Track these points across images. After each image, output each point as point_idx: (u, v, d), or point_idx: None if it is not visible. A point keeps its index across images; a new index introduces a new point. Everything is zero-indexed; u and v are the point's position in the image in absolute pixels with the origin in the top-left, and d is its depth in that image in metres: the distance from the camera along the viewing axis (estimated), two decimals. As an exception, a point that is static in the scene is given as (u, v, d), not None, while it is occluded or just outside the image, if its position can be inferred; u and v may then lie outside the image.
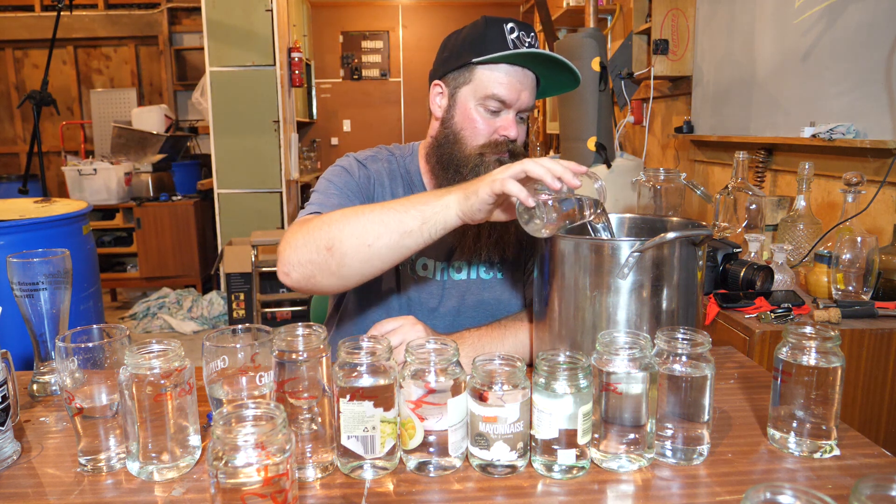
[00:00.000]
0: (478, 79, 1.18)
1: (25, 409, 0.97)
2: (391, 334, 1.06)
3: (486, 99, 1.17)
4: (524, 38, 1.17)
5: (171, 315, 4.33)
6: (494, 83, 1.16)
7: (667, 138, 3.46)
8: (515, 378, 0.76)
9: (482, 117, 1.18)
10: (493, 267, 1.29)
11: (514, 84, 1.16)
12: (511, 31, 1.16)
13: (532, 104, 1.20)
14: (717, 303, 1.56)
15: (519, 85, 1.17)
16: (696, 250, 0.94)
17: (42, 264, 0.99)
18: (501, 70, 1.16)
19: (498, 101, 1.17)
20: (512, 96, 1.16)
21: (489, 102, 1.17)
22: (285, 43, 4.61)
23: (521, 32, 1.17)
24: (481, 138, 1.18)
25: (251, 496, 0.60)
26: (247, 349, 0.82)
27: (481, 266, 1.28)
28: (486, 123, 1.18)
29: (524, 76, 1.17)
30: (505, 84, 1.16)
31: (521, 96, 1.17)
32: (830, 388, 0.79)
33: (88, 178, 4.66)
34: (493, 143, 1.18)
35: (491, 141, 1.18)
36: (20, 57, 6.11)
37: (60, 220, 2.47)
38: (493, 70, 1.17)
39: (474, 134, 1.19)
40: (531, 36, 1.19)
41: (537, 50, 1.15)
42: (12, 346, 0.98)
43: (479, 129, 1.18)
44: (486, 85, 1.17)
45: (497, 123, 1.18)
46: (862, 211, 1.64)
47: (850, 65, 1.95)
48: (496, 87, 1.16)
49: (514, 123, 1.18)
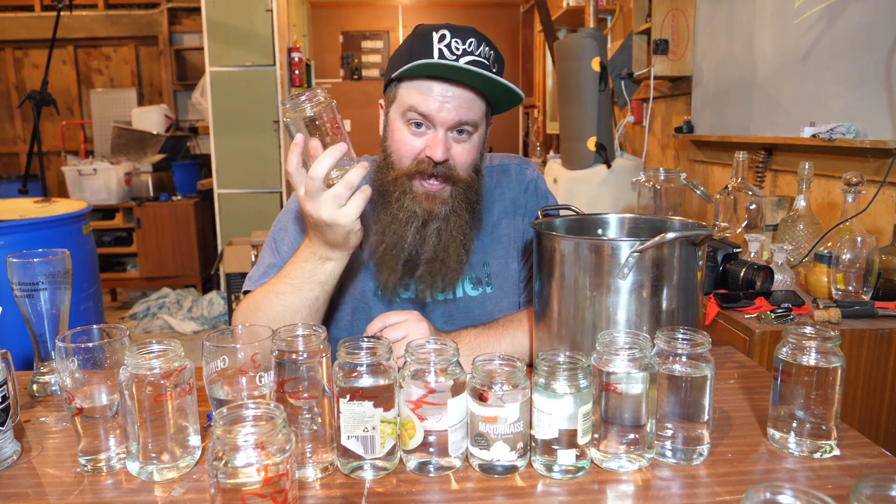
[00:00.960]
0: (401, 95, 1.09)
1: (25, 409, 0.97)
2: (395, 328, 1.05)
3: (407, 113, 1.08)
4: (457, 45, 1.05)
5: (171, 315, 4.33)
6: (413, 95, 1.07)
7: (667, 138, 3.46)
8: (515, 378, 0.76)
9: (407, 136, 1.09)
10: (480, 283, 1.24)
11: (434, 97, 1.05)
12: (441, 40, 1.06)
13: (466, 118, 1.07)
14: (717, 303, 1.56)
15: (440, 98, 1.05)
16: (696, 250, 0.94)
17: (42, 264, 0.99)
18: (422, 82, 1.06)
19: (418, 115, 1.07)
20: (431, 109, 1.05)
21: (410, 116, 1.08)
22: (285, 43, 4.61)
23: (454, 40, 1.06)
24: (406, 160, 1.10)
25: (251, 496, 0.60)
26: (247, 349, 0.82)
27: (466, 283, 1.23)
28: (410, 143, 1.09)
29: (449, 89, 1.05)
30: (425, 96, 1.06)
31: (445, 108, 1.05)
32: (830, 388, 0.79)
33: (88, 178, 4.66)
34: (418, 163, 1.09)
35: (417, 161, 1.09)
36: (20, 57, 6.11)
37: (60, 220, 2.47)
38: (413, 82, 1.07)
39: (399, 155, 1.11)
40: (468, 43, 1.06)
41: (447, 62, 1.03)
42: (12, 346, 0.98)
43: (404, 149, 1.10)
44: (405, 100, 1.08)
45: (423, 143, 1.09)
46: (862, 211, 1.64)
47: (850, 65, 1.95)
48: (414, 98, 1.06)
49: (440, 142, 1.06)
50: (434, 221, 1.11)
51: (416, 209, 1.10)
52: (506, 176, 1.29)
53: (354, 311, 1.24)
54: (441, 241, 1.12)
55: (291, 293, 1.06)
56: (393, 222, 1.12)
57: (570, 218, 1.15)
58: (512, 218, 1.26)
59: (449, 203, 1.12)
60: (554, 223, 1.11)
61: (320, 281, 1.06)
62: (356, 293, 1.23)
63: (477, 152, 1.14)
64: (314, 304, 1.08)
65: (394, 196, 1.12)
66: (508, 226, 1.26)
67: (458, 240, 1.13)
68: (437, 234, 1.12)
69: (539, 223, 1.08)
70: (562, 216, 1.16)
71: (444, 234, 1.12)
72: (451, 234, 1.12)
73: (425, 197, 1.11)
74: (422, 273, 1.15)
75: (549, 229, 1.06)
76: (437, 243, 1.12)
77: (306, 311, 1.07)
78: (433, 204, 1.11)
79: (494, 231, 1.25)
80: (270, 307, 1.07)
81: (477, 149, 1.14)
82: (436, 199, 1.11)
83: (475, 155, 1.13)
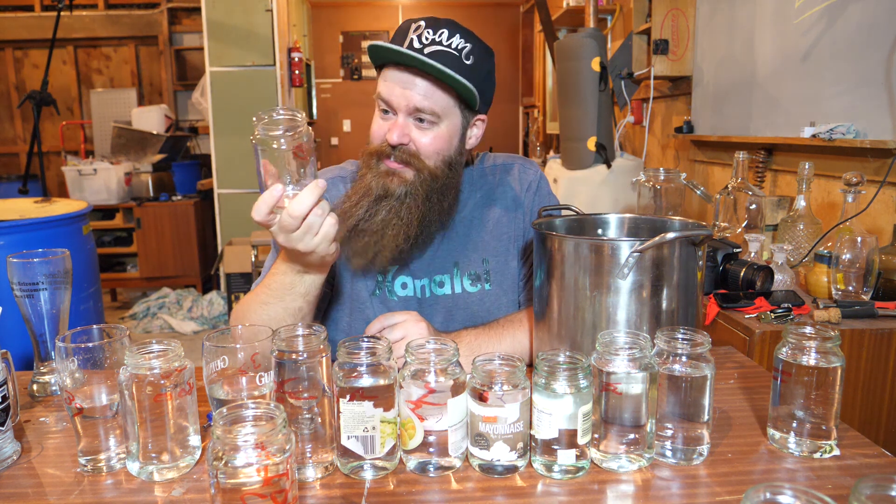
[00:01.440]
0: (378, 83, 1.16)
1: (25, 409, 0.97)
2: (394, 328, 1.05)
3: (377, 100, 1.14)
4: (427, 35, 1.10)
5: (171, 315, 4.33)
6: (381, 82, 1.13)
7: (667, 138, 3.46)
8: (515, 378, 0.76)
9: (377, 120, 1.16)
10: (479, 279, 1.25)
11: (394, 83, 1.11)
12: (416, 30, 1.11)
13: (424, 105, 1.10)
14: (717, 303, 1.56)
15: (400, 84, 1.10)
16: (696, 250, 0.94)
17: (42, 264, 0.99)
18: (387, 70, 1.12)
19: (383, 101, 1.13)
20: (391, 95, 1.11)
21: (379, 102, 1.14)
22: (285, 43, 4.61)
23: (426, 30, 1.10)
24: (375, 141, 1.16)
25: (251, 496, 0.60)
26: (247, 349, 0.82)
27: (465, 279, 1.24)
28: (378, 126, 1.15)
29: (408, 77, 1.10)
30: (387, 82, 1.12)
31: (404, 95, 1.10)
32: (830, 388, 0.79)
33: (88, 178, 4.66)
34: (380, 144, 1.14)
35: (381, 143, 1.14)
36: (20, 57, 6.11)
37: (60, 220, 2.47)
38: (384, 71, 1.14)
39: (372, 137, 1.17)
40: (440, 33, 1.10)
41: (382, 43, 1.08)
42: (12, 346, 0.98)
43: (374, 131, 1.17)
44: (378, 86, 1.15)
45: (387, 127, 1.14)
46: (862, 211, 1.64)
47: (850, 65, 1.95)
48: (380, 86, 1.13)
49: (398, 127, 1.11)
50: (388, 199, 1.13)
51: (373, 184, 1.14)
52: (508, 175, 1.29)
53: (352, 313, 1.24)
54: (385, 218, 1.14)
55: (274, 304, 1.07)
56: (354, 193, 1.15)
57: (570, 218, 1.15)
58: (513, 216, 1.27)
59: (408, 185, 1.13)
60: (554, 223, 1.11)
61: (301, 292, 1.06)
62: (353, 295, 1.24)
63: (444, 143, 1.14)
64: (298, 313, 1.07)
65: (361, 171, 1.17)
66: (509, 224, 1.26)
67: (403, 220, 1.14)
68: (387, 211, 1.14)
69: (539, 223, 1.08)
70: (562, 216, 1.16)
71: (392, 213, 1.14)
72: (399, 214, 1.14)
73: (386, 173, 1.13)
74: (359, 246, 1.16)
75: (549, 229, 1.06)
76: (383, 219, 1.14)
77: (290, 319, 1.07)
78: (391, 181, 1.13)
79: (495, 228, 1.26)
80: (256, 317, 1.07)
81: (444, 139, 1.14)
82: (395, 176, 1.13)
83: (441, 145, 1.14)
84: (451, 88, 1.10)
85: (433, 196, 1.15)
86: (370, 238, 1.14)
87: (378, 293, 1.23)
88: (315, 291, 1.07)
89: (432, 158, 1.14)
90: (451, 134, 1.15)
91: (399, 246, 1.15)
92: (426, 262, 1.23)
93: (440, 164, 1.15)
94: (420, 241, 1.18)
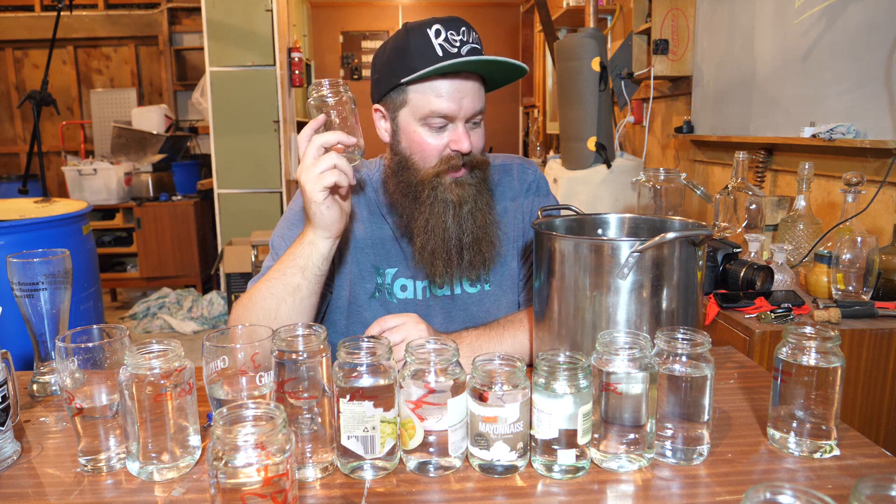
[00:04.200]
0: (413, 99, 1.10)
1: (25, 409, 0.97)
2: (393, 331, 1.05)
3: (428, 118, 1.10)
4: (453, 37, 1.08)
5: (171, 315, 4.33)
6: (432, 100, 1.08)
7: (667, 138, 3.46)
8: (515, 378, 0.76)
9: (429, 137, 1.12)
10: (478, 280, 1.24)
11: (452, 95, 1.08)
12: (437, 35, 1.07)
13: (479, 107, 1.12)
14: (717, 303, 1.56)
15: (458, 94, 1.08)
16: (696, 250, 0.94)
17: (42, 264, 0.99)
18: (435, 83, 1.08)
19: (440, 118, 1.10)
20: (453, 108, 1.09)
21: (432, 121, 1.10)
22: (285, 43, 4.61)
23: (448, 33, 1.08)
24: (432, 159, 1.13)
25: (251, 496, 0.60)
26: (247, 349, 0.82)
27: (465, 280, 1.24)
28: (434, 142, 1.12)
29: (461, 84, 1.08)
30: (444, 97, 1.08)
31: (464, 105, 1.09)
32: (830, 388, 0.79)
33: (88, 178, 4.66)
34: (447, 159, 1.12)
35: (444, 158, 1.12)
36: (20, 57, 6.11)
37: (60, 220, 2.47)
38: (427, 86, 1.08)
39: (424, 157, 1.13)
40: (462, 32, 1.09)
41: (464, 59, 1.06)
42: (12, 346, 0.98)
43: (428, 150, 1.12)
44: (422, 104, 1.09)
45: (446, 139, 1.12)
46: (862, 211, 1.64)
47: (850, 65, 1.95)
48: (434, 103, 1.08)
49: (464, 135, 1.10)
50: (466, 204, 1.15)
51: (449, 197, 1.14)
52: (507, 175, 1.29)
53: (350, 315, 1.24)
54: (477, 221, 1.16)
55: (276, 279, 1.08)
56: (431, 217, 1.14)
57: (570, 218, 1.15)
58: (512, 217, 1.27)
59: (473, 185, 1.15)
60: (554, 223, 1.11)
61: (300, 265, 1.07)
62: (352, 298, 1.23)
63: (484, 134, 1.19)
64: (296, 292, 1.07)
65: (424, 194, 1.14)
66: (509, 224, 1.26)
67: (490, 216, 1.18)
68: (472, 216, 1.15)
69: (539, 223, 1.08)
70: (562, 216, 1.16)
71: (477, 214, 1.16)
72: (483, 211, 1.17)
73: (455, 185, 1.14)
74: (471, 257, 1.17)
75: (549, 229, 1.06)
76: (474, 224, 1.16)
77: (290, 299, 1.07)
78: (462, 189, 1.14)
79: None
80: (260, 297, 1.08)
81: (484, 133, 1.19)
82: (462, 184, 1.14)
83: (484, 139, 1.19)
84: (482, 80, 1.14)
85: (487, 183, 1.20)
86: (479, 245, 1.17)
87: (378, 296, 1.23)
88: (313, 269, 1.07)
89: (482, 152, 1.18)
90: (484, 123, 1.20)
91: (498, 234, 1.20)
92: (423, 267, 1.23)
93: (483, 153, 1.19)
94: None
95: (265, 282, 1.09)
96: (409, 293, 1.23)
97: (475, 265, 1.18)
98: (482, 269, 1.20)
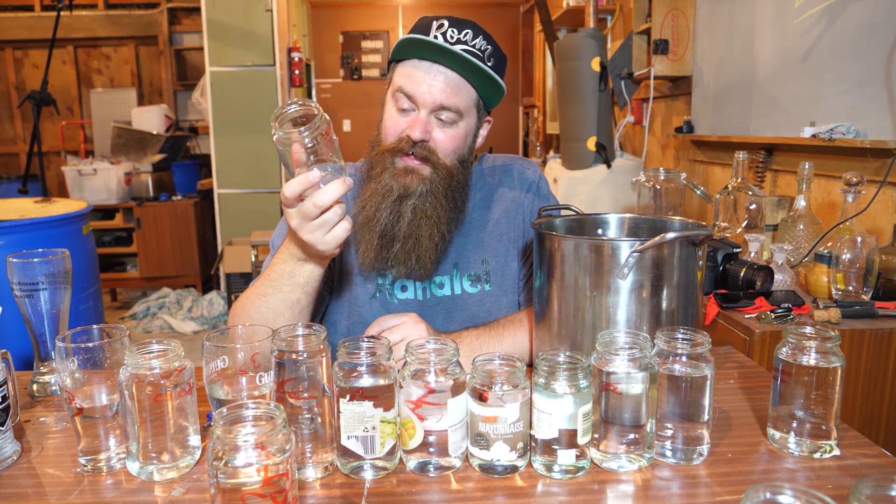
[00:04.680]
0: (394, 76, 1.14)
1: (25, 409, 0.97)
2: (392, 331, 1.05)
3: (395, 94, 1.12)
4: (453, 34, 1.08)
5: (171, 315, 4.33)
6: (403, 76, 1.11)
7: (667, 138, 3.46)
8: (515, 378, 0.76)
9: (393, 116, 1.13)
10: (479, 280, 1.24)
11: (419, 78, 1.08)
12: (439, 28, 1.09)
13: (449, 102, 1.10)
14: (717, 303, 1.56)
15: (425, 78, 1.08)
16: (696, 250, 0.94)
17: (42, 264, 0.99)
18: (411, 63, 1.10)
19: (404, 96, 1.10)
20: (415, 88, 1.09)
21: (398, 98, 1.11)
22: (285, 43, 4.61)
23: (451, 29, 1.09)
24: (391, 137, 1.13)
25: (251, 496, 0.60)
26: (247, 349, 0.82)
27: (465, 280, 1.24)
28: (395, 122, 1.13)
29: (434, 71, 1.09)
30: (411, 77, 1.09)
31: (428, 91, 1.08)
32: (830, 388, 0.79)
33: (88, 178, 4.66)
34: (398, 141, 1.12)
35: (399, 139, 1.12)
36: (20, 57, 6.12)
37: (60, 220, 2.48)
38: (405, 64, 1.11)
39: (385, 133, 1.14)
40: (464, 33, 1.09)
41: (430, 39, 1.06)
42: (12, 346, 0.98)
43: (390, 126, 1.13)
44: (395, 80, 1.12)
45: (406, 123, 1.11)
46: (862, 211, 1.64)
47: (850, 65, 1.95)
48: (402, 79, 1.11)
49: (420, 122, 1.09)
50: (410, 198, 1.12)
51: (392, 184, 1.12)
52: (508, 175, 1.29)
53: (351, 316, 1.24)
54: (415, 218, 1.13)
55: (272, 294, 1.06)
56: (372, 195, 1.14)
57: (570, 218, 1.15)
58: (513, 217, 1.27)
59: (427, 183, 1.13)
60: (554, 223, 1.11)
61: (300, 283, 1.05)
62: (352, 298, 1.23)
63: (461, 142, 1.15)
64: (295, 305, 1.06)
65: (375, 171, 1.14)
66: (509, 225, 1.26)
67: (432, 219, 1.14)
68: (413, 211, 1.13)
69: (539, 223, 1.08)
70: (562, 216, 1.16)
71: (418, 212, 1.13)
72: (425, 212, 1.13)
73: (404, 171, 1.12)
74: (397, 251, 1.15)
75: (549, 229, 1.06)
76: (411, 220, 1.13)
77: (288, 313, 1.06)
78: (411, 180, 1.12)
79: (495, 229, 1.26)
80: (255, 309, 1.07)
81: (461, 138, 1.14)
82: (414, 174, 1.12)
83: (459, 144, 1.14)
84: (474, 87, 1.12)
85: (449, 194, 1.15)
86: (404, 243, 1.14)
87: (378, 296, 1.23)
88: (314, 283, 1.06)
89: (449, 157, 1.14)
90: (467, 133, 1.16)
91: (436, 245, 1.15)
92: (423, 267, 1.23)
93: (455, 162, 1.15)
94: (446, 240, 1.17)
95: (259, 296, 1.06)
96: (409, 293, 1.23)
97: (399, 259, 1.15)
98: (405, 266, 1.15)
